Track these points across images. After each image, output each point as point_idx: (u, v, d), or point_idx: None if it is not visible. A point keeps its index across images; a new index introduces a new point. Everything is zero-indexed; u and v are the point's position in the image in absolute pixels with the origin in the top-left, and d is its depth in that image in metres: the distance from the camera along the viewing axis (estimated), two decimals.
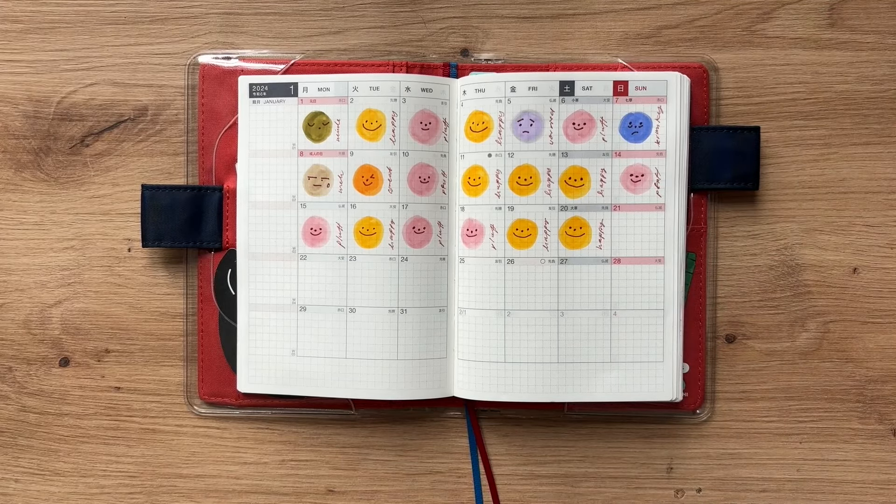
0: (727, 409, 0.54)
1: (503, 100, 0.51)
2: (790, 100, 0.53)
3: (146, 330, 0.55)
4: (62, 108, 0.55)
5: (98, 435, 0.55)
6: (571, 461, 0.55)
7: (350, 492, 0.55)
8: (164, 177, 0.55)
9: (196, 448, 0.55)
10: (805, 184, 0.53)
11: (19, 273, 0.55)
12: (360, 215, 0.52)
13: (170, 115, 0.55)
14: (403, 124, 0.52)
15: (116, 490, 0.55)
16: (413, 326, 0.52)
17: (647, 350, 0.52)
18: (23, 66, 0.55)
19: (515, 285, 0.51)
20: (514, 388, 0.51)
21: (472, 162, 0.52)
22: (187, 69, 0.54)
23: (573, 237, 0.52)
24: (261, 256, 0.53)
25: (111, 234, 0.55)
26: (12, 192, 0.55)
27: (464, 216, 0.52)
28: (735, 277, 0.54)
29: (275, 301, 0.53)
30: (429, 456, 0.55)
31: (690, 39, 0.54)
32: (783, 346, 0.54)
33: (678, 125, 0.51)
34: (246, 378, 0.53)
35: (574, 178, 0.52)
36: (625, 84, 0.51)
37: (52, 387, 0.55)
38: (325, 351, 0.52)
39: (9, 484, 0.56)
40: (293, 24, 0.54)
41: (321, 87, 0.52)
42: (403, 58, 0.54)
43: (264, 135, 0.53)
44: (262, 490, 0.55)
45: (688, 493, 0.54)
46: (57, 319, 0.55)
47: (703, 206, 0.53)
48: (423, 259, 0.52)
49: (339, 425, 0.55)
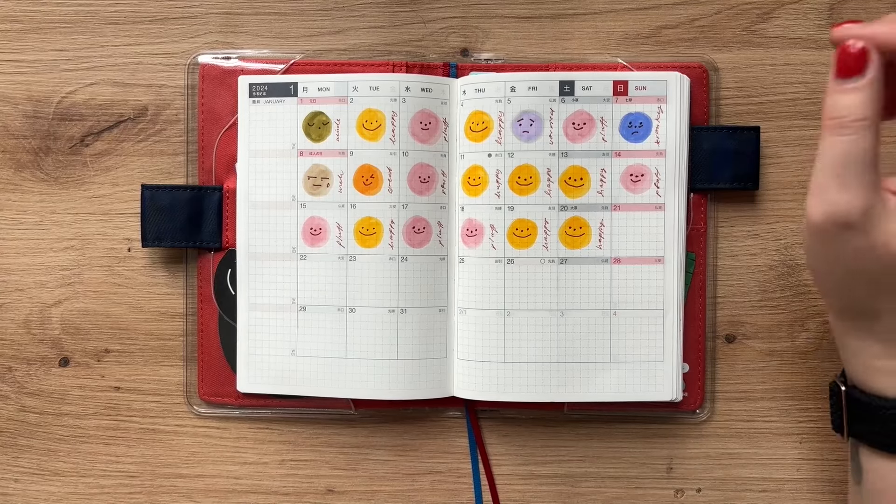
0: (727, 409, 0.54)
1: (503, 100, 0.51)
2: (790, 100, 0.53)
3: (146, 330, 0.55)
4: (62, 108, 0.55)
5: (98, 435, 0.55)
6: (571, 461, 0.55)
7: (350, 492, 0.55)
8: (164, 177, 0.55)
9: (196, 448, 0.55)
10: (805, 184, 0.53)
11: (19, 273, 0.55)
12: (359, 215, 0.52)
13: (170, 115, 0.55)
14: (403, 124, 0.52)
15: (116, 490, 0.55)
16: (413, 326, 0.52)
17: (646, 350, 0.52)
18: (23, 66, 0.55)
19: (515, 285, 0.51)
20: (514, 388, 0.51)
21: (472, 162, 0.52)
22: (187, 69, 0.54)
23: (573, 237, 0.52)
24: (261, 256, 0.53)
25: (111, 234, 0.55)
26: (12, 192, 0.55)
27: (464, 216, 0.52)
28: (735, 277, 0.54)
29: (275, 301, 0.53)
30: (429, 456, 0.55)
31: (690, 39, 0.54)
32: (783, 346, 0.54)
33: (678, 125, 0.51)
34: (246, 378, 0.53)
35: (574, 178, 0.52)
36: (625, 84, 0.51)
37: (51, 387, 0.55)
38: (324, 351, 0.52)
39: (9, 484, 0.56)
40: (293, 23, 0.54)
41: (321, 86, 0.52)
42: (403, 58, 0.54)
43: (264, 135, 0.53)
44: (261, 490, 0.55)
45: (688, 493, 0.54)
46: (57, 319, 0.55)
47: (703, 206, 0.53)
48: (423, 259, 0.52)
49: (339, 425, 0.55)
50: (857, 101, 0.38)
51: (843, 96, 0.38)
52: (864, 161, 0.38)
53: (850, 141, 0.38)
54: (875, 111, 0.38)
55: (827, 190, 0.39)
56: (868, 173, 0.38)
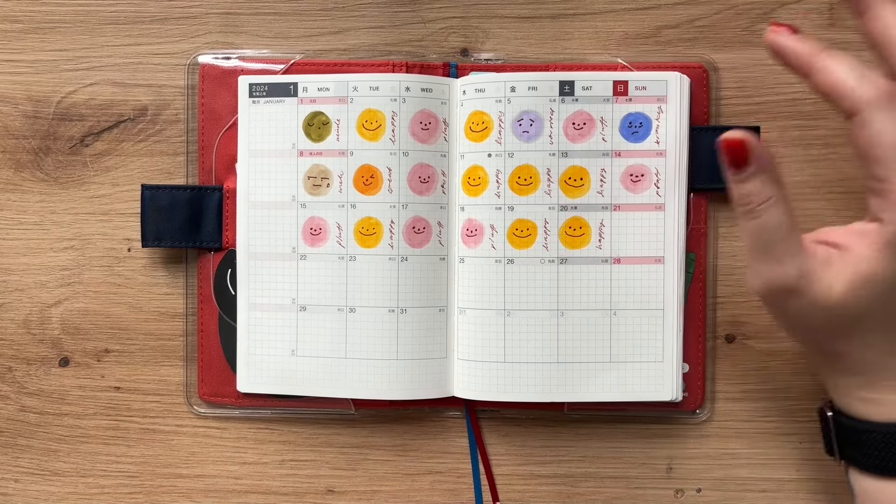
0: (727, 409, 0.54)
1: (503, 100, 0.51)
2: (790, 100, 0.53)
3: (146, 330, 0.55)
4: (62, 108, 0.55)
5: (98, 435, 0.55)
6: (571, 461, 0.55)
7: (350, 492, 0.55)
8: (164, 177, 0.55)
9: (196, 448, 0.55)
10: (805, 184, 0.53)
11: (19, 273, 0.55)
12: (359, 215, 0.52)
13: (170, 115, 0.55)
14: (403, 124, 0.52)
15: (116, 490, 0.55)
16: (413, 326, 0.52)
17: (646, 350, 0.52)
18: (23, 66, 0.55)
19: (515, 285, 0.51)
20: (514, 388, 0.51)
21: (472, 162, 0.52)
22: (187, 69, 0.54)
23: (573, 237, 0.52)
24: (260, 256, 0.53)
25: (111, 234, 0.55)
26: (12, 192, 0.55)
27: (464, 216, 0.52)
28: (735, 277, 0.54)
29: (274, 301, 0.53)
30: (429, 456, 0.55)
31: (690, 39, 0.54)
32: (783, 346, 0.54)
33: (678, 125, 0.51)
34: (246, 378, 0.53)
35: (574, 178, 0.52)
36: (625, 84, 0.51)
37: (51, 387, 0.55)
38: (324, 351, 0.52)
39: (8, 484, 0.56)
40: (293, 24, 0.54)
41: (321, 87, 0.52)
42: (403, 58, 0.54)
43: (264, 135, 0.53)
44: (261, 490, 0.55)
45: (688, 493, 0.54)
46: (57, 319, 0.55)
47: (703, 206, 0.53)
48: (423, 259, 0.52)
49: (339, 425, 0.55)
50: (756, 187, 0.41)
51: (743, 185, 0.41)
52: (783, 232, 0.41)
53: (763, 221, 0.41)
54: (778, 185, 0.41)
55: (758, 266, 0.42)
56: (789, 241, 0.41)
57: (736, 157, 0.40)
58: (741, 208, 0.41)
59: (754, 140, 0.40)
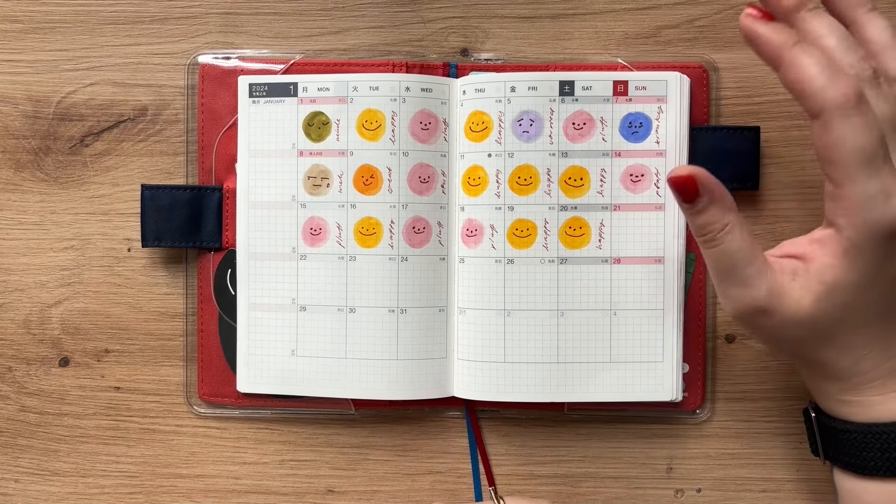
0: (727, 409, 0.54)
1: (503, 100, 0.51)
2: (790, 100, 0.53)
3: (146, 330, 0.55)
4: (62, 108, 0.55)
5: (98, 435, 0.55)
6: (571, 461, 0.55)
7: (350, 492, 0.55)
8: (163, 177, 0.55)
9: (196, 448, 0.55)
10: (805, 184, 0.53)
11: (19, 273, 0.55)
12: (359, 215, 0.52)
13: (170, 115, 0.55)
14: (403, 124, 0.52)
15: (116, 490, 0.55)
16: (413, 326, 0.52)
17: (646, 350, 0.52)
18: (23, 66, 0.55)
19: (515, 285, 0.51)
20: (514, 388, 0.51)
21: (472, 162, 0.52)
22: (187, 69, 0.54)
23: (573, 237, 0.52)
24: (260, 256, 0.53)
25: (111, 234, 0.55)
26: (12, 192, 0.55)
27: (464, 216, 0.52)
28: None
29: (274, 301, 0.53)
30: (429, 456, 0.55)
31: (690, 39, 0.54)
32: None
33: (678, 125, 0.51)
34: (246, 378, 0.53)
35: (574, 178, 0.52)
36: (625, 84, 0.51)
37: (51, 387, 0.55)
38: (324, 351, 0.52)
39: (8, 484, 0.56)
40: (293, 24, 0.54)
41: (321, 86, 0.52)
42: (403, 58, 0.54)
43: (264, 135, 0.53)
44: (261, 490, 0.55)
45: (688, 493, 0.54)
46: (57, 319, 0.55)
47: None
48: (423, 259, 0.52)
49: (339, 425, 0.55)
50: (712, 216, 0.41)
51: (699, 216, 0.42)
52: (745, 254, 0.41)
53: (725, 247, 0.41)
54: (733, 211, 0.41)
55: (727, 291, 0.43)
56: (753, 263, 0.41)
57: (686, 192, 0.41)
58: (701, 238, 0.42)
59: (702, 172, 0.41)
